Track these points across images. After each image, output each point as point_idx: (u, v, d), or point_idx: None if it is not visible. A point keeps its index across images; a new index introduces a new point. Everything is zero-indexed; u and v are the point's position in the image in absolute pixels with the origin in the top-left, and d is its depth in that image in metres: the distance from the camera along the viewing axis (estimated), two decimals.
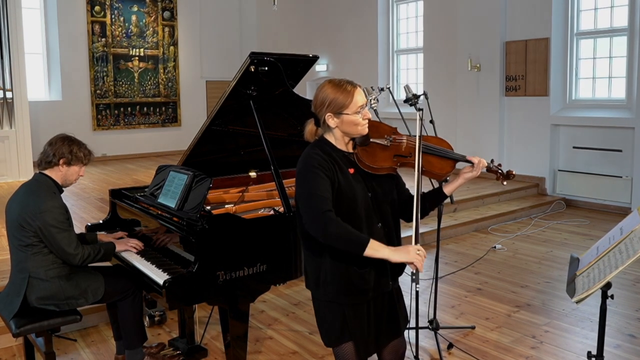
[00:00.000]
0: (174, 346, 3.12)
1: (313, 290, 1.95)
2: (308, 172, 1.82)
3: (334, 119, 1.85)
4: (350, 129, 1.87)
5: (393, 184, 2.00)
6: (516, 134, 7.61)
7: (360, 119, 1.85)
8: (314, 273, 1.92)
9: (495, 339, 3.29)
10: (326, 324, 1.95)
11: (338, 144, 1.91)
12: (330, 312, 1.92)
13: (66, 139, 2.68)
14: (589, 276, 1.94)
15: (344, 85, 1.85)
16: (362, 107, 1.85)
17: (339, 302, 1.89)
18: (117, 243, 2.80)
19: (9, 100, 7.73)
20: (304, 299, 3.98)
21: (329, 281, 1.88)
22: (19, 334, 2.53)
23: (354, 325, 1.91)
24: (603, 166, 6.77)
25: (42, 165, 2.66)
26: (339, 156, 1.88)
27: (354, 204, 1.85)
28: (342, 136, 1.90)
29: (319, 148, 1.88)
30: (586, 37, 7.05)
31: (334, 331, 1.93)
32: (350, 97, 1.83)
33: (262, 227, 2.60)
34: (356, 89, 1.86)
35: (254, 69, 2.72)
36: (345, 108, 1.83)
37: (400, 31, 9.56)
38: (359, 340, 1.93)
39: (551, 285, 4.22)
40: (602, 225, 6.02)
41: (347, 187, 1.85)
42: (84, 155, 2.69)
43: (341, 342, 1.93)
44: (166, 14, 11.08)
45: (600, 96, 6.97)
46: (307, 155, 1.86)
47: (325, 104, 1.85)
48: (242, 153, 3.37)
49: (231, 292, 2.47)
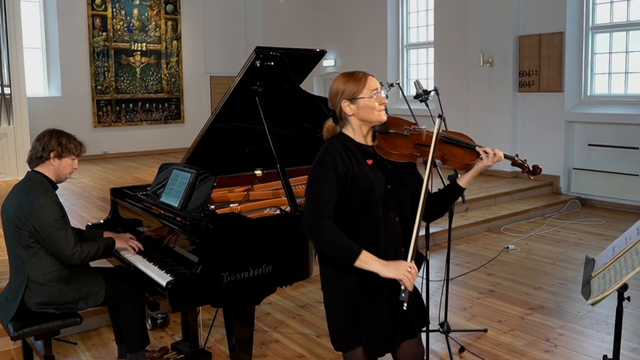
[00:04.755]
0: (177, 350, 3.10)
1: (327, 289, 1.95)
2: (320, 172, 1.84)
3: (350, 106, 1.88)
4: (367, 114, 1.88)
5: (414, 179, 1.99)
6: (530, 131, 7.53)
7: (376, 103, 1.87)
8: (329, 270, 1.93)
9: (508, 342, 3.25)
10: (338, 327, 1.93)
11: (357, 136, 1.93)
12: (344, 314, 1.91)
13: (54, 132, 2.63)
14: (604, 277, 1.93)
15: (355, 73, 1.92)
16: (377, 91, 1.88)
17: (354, 299, 1.88)
18: (117, 239, 2.75)
19: (7, 96, 7.65)
20: (311, 301, 3.95)
21: (345, 276, 1.88)
22: (17, 337, 2.49)
23: (367, 326, 1.90)
24: (619, 164, 6.69)
25: (33, 162, 2.62)
26: (357, 148, 1.90)
27: (369, 194, 1.85)
28: (359, 126, 1.92)
29: (338, 141, 1.91)
30: (602, 31, 6.96)
31: (346, 335, 1.91)
32: (363, 81, 1.88)
33: (267, 227, 2.57)
34: (368, 75, 1.91)
35: (260, 64, 2.69)
36: (359, 92, 1.87)
37: (410, 25, 9.50)
38: (372, 342, 1.91)
39: (566, 287, 4.17)
40: (618, 225, 5.96)
41: (364, 177, 1.86)
42: (74, 147, 2.64)
43: (352, 347, 1.91)
44: (169, 7, 11.01)
45: (617, 92, 6.89)
46: (324, 150, 1.89)
47: (339, 93, 1.89)
48: (248, 151, 3.36)
49: (236, 294, 2.44)
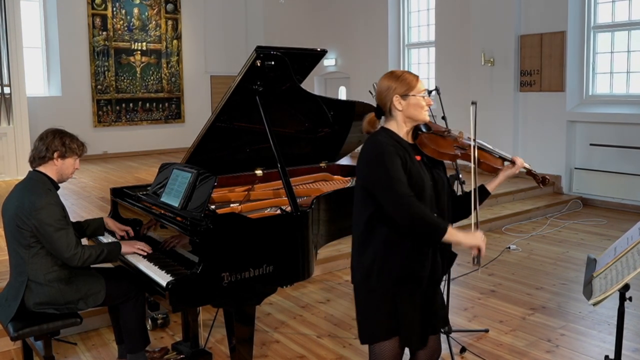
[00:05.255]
0: (178, 350, 3.08)
1: (364, 281, 1.98)
2: (384, 155, 1.88)
3: (400, 102, 1.95)
4: (415, 113, 1.96)
5: (445, 179, 2.07)
6: (531, 131, 7.51)
7: (424, 103, 1.97)
8: (369, 263, 1.95)
9: (510, 343, 3.25)
10: (373, 318, 1.98)
11: (400, 132, 1.99)
12: (382, 305, 1.95)
13: (57, 131, 2.62)
14: (606, 278, 1.93)
15: (405, 72, 2.01)
16: (425, 92, 1.98)
17: (393, 292, 1.93)
18: (123, 244, 2.69)
19: (7, 95, 7.63)
20: (311, 301, 3.94)
21: (388, 269, 1.92)
22: (17, 337, 2.48)
23: (406, 318, 1.95)
24: (621, 164, 6.67)
25: (36, 162, 2.60)
26: (404, 144, 1.96)
27: (422, 190, 1.92)
28: (403, 122, 1.99)
29: (386, 134, 1.96)
30: (603, 30, 6.94)
31: (381, 326, 1.96)
32: (415, 81, 1.97)
33: (268, 227, 2.55)
34: (418, 76, 2.01)
35: (260, 64, 2.67)
36: (411, 90, 1.95)
37: (411, 24, 9.49)
38: (411, 333, 1.96)
39: (567, 287, 4.16)
40: (620, 225, 5.95)
41: (417, 173, 1.93)
42: (77, 147, 2.64)
43: (384, 338, 1.97)
44: (169, 7, 10.99)
45: (618, 92, 6.88)
46: (375, 142, 1.93)
47: (391, 88, 1.96)
48: (248, 150, 3.35)
49: (236, 294, 2.43)
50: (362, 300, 2.01)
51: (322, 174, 3.73)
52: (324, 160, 3.82)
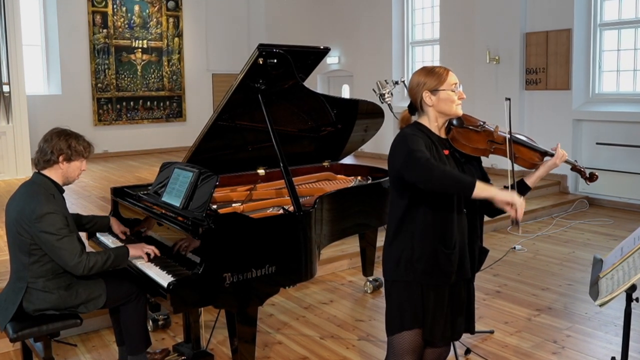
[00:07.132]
0: (179, 351, 3.06)
1: (392, 271, 2.01)
2: (405, 137, 1.92)
3: (430, 97, 1.98)
4: (446, 107, 1.98)
5: (481, 174, 2.07)
6: (537, 129, 7.46)
7: (455, 97, 1.97)
8: (398, 253, 1.99)
9: (515, 344, 3.22)
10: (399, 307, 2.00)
11: (432, 127, 2.02)
12: (408, 294, 1.98)
13: (62, 133, 2.52)
14: (612, 278, 1.93)
15: (436, 67, 2.02)
16: (456, 85, 1.99)
17: (421, 282, 1.96)
18: (131, 248, 2.61)
19: (6, 94, 7.60)
20: (314, 302, 3.92)
21: (415, 260, 1.96)
22: (16, 338, 2.45)
23: (434, 309, 1.98)
24: (628, 163, 6.62)
25: (40, 165, 2.51)
26: (434, 138, 2.00)
27: None
28: (436, 118, 2.01)
29: (416, 129, 2.00)
30: (610, 28, 6.88)
31: (406, 316, 1.98)
32: (444, 75, 1.98)
33: (270, 227, 2.54)
34: (449, 70, 2.02)
35: (263, 62, 2.67)
36: (441, 84, 1.97)
37: (415, 22, 9.45)
38: (436, 324, 1.99)
39: (573, 288, 4.13)
40: (627, 225, 5.91)
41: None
42: (83, 149, 2.54)
43: (408, 328, 1.99)
44: (170, 4, 10.94)
45: (625, 90, 6.82)
46: (400, 133, 1.98)
47: (421, 84, 1.99)
48: (250, 149, 3.35)
49: (238, 295, 2.42)
50: (390, 291, 2.05)
51: (325, 173, 3.71)
52: (327, 160, 3.80)
